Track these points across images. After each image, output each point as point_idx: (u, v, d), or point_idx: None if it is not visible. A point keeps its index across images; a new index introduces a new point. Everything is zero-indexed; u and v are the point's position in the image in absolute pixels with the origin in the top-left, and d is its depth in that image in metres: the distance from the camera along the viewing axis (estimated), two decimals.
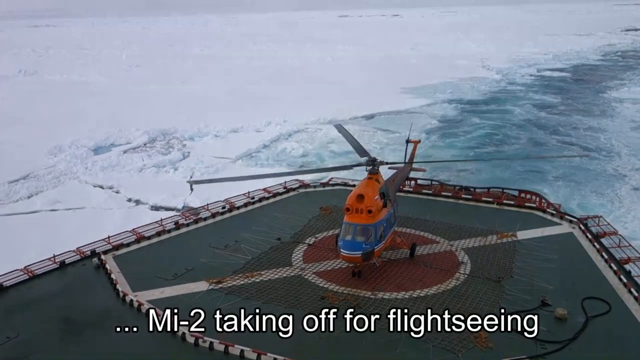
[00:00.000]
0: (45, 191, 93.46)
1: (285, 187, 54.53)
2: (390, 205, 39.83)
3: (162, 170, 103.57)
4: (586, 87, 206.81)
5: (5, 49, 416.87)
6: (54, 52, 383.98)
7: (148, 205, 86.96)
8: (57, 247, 62.00)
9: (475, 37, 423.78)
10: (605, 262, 38.24)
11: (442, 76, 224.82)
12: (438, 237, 43.69)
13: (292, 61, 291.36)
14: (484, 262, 39.11)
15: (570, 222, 45.91)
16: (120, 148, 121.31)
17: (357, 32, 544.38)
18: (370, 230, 36.40)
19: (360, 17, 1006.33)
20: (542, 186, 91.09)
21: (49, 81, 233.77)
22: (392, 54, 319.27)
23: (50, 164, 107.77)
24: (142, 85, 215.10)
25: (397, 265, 38.71)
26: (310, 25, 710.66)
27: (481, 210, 49.78)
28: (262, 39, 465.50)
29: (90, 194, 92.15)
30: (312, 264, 39.00)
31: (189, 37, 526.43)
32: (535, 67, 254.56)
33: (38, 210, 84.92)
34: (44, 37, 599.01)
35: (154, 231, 43.44)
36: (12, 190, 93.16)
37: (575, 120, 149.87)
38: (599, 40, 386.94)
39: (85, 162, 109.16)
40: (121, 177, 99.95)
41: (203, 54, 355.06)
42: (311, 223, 46.32)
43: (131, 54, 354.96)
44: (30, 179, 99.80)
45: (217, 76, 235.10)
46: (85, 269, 38.13)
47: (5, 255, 65.01)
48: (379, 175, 39.48)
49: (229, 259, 39.42)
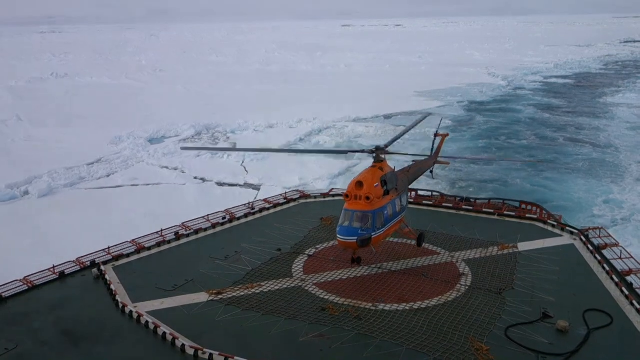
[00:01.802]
0: (119, 171, 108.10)
1: (286, 198, 54.88)
2: (397, 194, 40.37)
3: (216, 157, 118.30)
4: (586, 93, 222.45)
5: (25, 54, 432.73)
6: (74, 57, 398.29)
7: (213, 182, 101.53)
8: (159, 211, 77.60)
9: (479, 46, 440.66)
10: (607, 274, 38.14)
11: (451, 82, 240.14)
12: (439, 248, 43.82)
13: (306, 67, 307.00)
14: (485, 273, 39.18)
15: (572, 233, 46.01)
16: (172, 139, 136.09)
17: (363, 41, 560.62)
18: (368, 216, 36.92)
19: (363, 27, 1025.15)
20: (560, 175, 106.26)
21: (82, 83, 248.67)
22: (401, 61, 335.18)
23: (116, 151, 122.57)
24: (171, 87, 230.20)
25: (398, 276, 38.80)
26: (315, 35, 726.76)
27: (482, 221, 49.92)
28: (272, 47, 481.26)
29: (161, 174, 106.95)
30: (313, 275, 39.01)
31: (199, 45, 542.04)
32: (539, 75, 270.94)
33: (121, 185, 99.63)
34: (55, 43, 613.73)
35: (154, 242, 43.79)
36: (91, 171, 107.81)
37: (579, 121, 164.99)
38: (598, 51, 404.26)
39: (147, 149, 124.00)
40: (182, 161, 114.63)
41: (219, 60, 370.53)
42: (312, 234, 46.43)
43: (150, 59, 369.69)
44: (103, 162, 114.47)
45: (240, 80, 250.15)
46: (85, 280, 38.34)
47: (120, 217, 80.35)
48: (383, 163, 40.11)
49: (229, 270, 39.54)
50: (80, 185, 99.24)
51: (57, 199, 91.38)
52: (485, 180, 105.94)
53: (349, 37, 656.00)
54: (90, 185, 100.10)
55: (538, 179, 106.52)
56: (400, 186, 41.17)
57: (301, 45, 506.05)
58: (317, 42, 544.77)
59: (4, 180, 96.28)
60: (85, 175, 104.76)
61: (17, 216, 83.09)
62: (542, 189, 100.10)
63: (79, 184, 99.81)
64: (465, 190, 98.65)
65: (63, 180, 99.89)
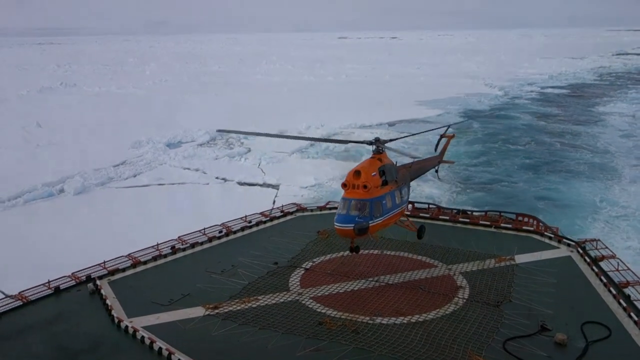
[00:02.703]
0: (145, 172, 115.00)
1: (283, 211, 54.94)
2: (396, 186, 40.66)
3: (234, 160, 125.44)
4: (580, 102, 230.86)
5: (29, 65, 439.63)
6: (78, 68, 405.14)
7: (234, 181, 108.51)
8: (189, 207, 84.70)
9: (475, 58, 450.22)
10: (605, 286, 38.12)
11: (450, 92, 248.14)
12: (436, 260, 43.77)
13: (307, 78, 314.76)
14: (482, 286, 39.04)
15: (568, 245, 46.10)
16: (189, 144, 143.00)
17: (360, 53, 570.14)
18: (365, 204, 37.10)
19: (359, 39, 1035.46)
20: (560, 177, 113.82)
21: (92, 92, 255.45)
22: (399, 72, 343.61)
23: (138, 154, 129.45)
24: (179, 96, 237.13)
25: (395, 290, 38.72)
26: (313, 46, 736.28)
27: (479, 233, 49.89)
28: (272, 58, 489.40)
29: (184, 174, 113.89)
30: (310, 289, 38.81)
31: (199, 56, 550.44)
32: (534, 85, 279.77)
33: (148, 185, 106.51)
34: (56, 54, 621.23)
35: (150, 256, 43.70)
36: (118, 172, 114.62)
37: (574, 128, 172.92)
38: (591, 63, 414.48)
39: (167, 153, 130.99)
40: (202, 163, 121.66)
41: (221, 70, 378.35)
42: (308, 247, 46.41)
43: (153, 70, 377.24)
44: (127, 164, 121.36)
45: (245, 89, 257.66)
46: (81, 295, 38.09)
47: (153, 211, 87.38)
48: (382, 155, 40.58)
49: (225, 284, 39.30)
50: (111, 185, 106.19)
51: (92, 196, 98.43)
52: (486, 181, 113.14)
53: (346, 49, 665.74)
54: (120, 184, 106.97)
55: (539, 180, 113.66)
56: (400, 179, 41.80)
57: (300, 56, 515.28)
58: (315, 54, 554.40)
59: (39, 180, 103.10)
60: (113, 175, 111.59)
61: (60, 211, 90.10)
62: (543, 190, 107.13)
63: (108, 183, 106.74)
64: (466, 194, 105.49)
65: (94, 180, 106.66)
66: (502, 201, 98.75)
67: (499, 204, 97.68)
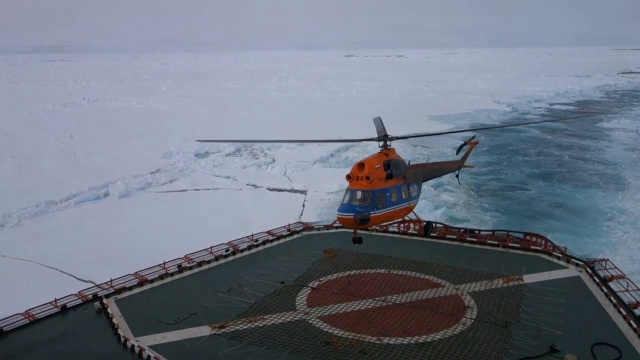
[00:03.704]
0: (180, 179, 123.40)
1: (289, 230, 54.92)
2: (403, 181, 41.55)
3: (261, 168, 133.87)
4: (586, 118, 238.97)
5: (46, 81, 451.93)
6: (95, 84, 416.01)
7: (264, 187, 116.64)
8: (225, 209, 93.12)
9: (482, 76, 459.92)
10: (614, 307, 37.73)
11: (459, 108, 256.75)
12: (443, 280, 43.58)
13: (320, 94, 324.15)
14: (490, 306, 38.82)
15: (577, 265, 45.84)
16: (216, 154, 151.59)
17: (368, 71, 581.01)
18: (368, 195, 37.75)
19: (366, 57, 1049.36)
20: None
21: (114, 107, 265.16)
22: (409, 89, 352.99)
23: (170, 163, 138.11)
24: (198, 110, 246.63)
25: (403, 309, 38.52)
26: (321, 64, 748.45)
27: (486, 253, 49.82)
28: (282, 75, 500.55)
29: (216, 181, 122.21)
30: (317, 308, 38.67)
31: (210, 72, 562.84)
32: (541, 102, 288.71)
33: (185, 190, 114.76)
34: (70, 70, 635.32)
35: (157, 274, 43.98)
36: (155, 178, 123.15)
37: (581, 142, 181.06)
38: (596, 81, 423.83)
39: (197, 162, 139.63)
40: (232, 171, 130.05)
41: (235, 87, 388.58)
42: (315, 266, 46.45)
43: (169, 86, 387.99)
44: (162, 172, 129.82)
45: (261, 104, 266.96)
46: (87, 313, 38.21)
47: (194, 213, 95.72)
48: (390, 150, 41.79)
49: (232, 303, 39.28)
50: (150, 189, 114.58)
51: (136, 199, 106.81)
52: (500, 188, 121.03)
53: (353, 67, 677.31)
54: (159, 189, 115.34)
55: (551, 188, 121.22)
56: (409, 176, 42.98)
57: (309, 73, 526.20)
58: (325, 71, 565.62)
59: (83, 185, 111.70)
60: (151, 181, 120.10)
61: (111, 210, 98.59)
62: (556, 197, 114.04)
63: (148, 188, 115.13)
64: (481, 199, 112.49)
65: (134, 185, 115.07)
66: (516, 207, 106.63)
67: (515, 210, 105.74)
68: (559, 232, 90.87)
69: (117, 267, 68.57)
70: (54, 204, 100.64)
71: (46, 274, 70.74)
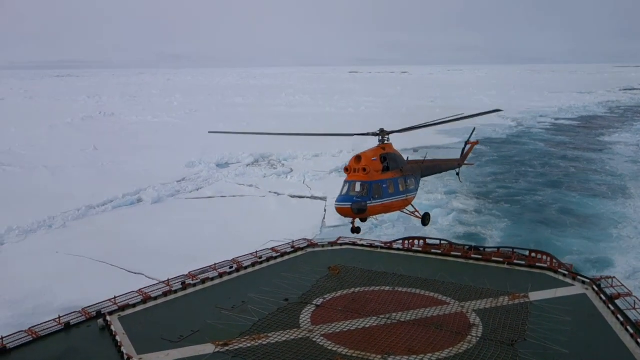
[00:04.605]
0: (205, 187, 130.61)
1: (294, 247, 54.81)
2: (401, 174, 42.96)
3: (281, 177, 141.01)
4: (589, 133, 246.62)
5: (59, 96, 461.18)
6: (107, 99, 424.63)
7: (285, 195, 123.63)
8: (253, 213, 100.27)
9: (486, 92, 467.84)
10: (621, 325, 37.32)
11: (465, 123, 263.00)
12: (448, 298, 43.13)
13: (329, 109, 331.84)
14: (496, 324, 38.37)
15: (583, 282, 45.50)
16: (236, 165, 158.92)
17: (373, 87, 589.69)
18: (364, 186, 38.70)
19: (370, 74, 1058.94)
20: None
21: (130, 121, 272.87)
22: (415, 105, 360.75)
23: (194, 172, 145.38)
24: (213, 124, 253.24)
25: (408, 327, 38.14)
26: (326, 80, 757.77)
27: (491, 270, 49.59)
28: (289, 91, 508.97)
29: (240, 189, 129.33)
30: (321, 326, 38.37)
31: (218, 88, 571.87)
32: (545, 117, 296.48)
33: (212, 197, 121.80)
34: (79, 86, 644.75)
35: (161, 291, 43.87)
36: (182, 186, 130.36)
37: (585, 154, 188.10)
38: (599, 98, 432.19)
39: (219, 172, 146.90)
40: (253, 180, 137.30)
41: (245, 102, 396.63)
42: (319, 283, 46.17)
43: (180, 101, 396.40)
44: (188, 180, 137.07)
45: (272, 119, 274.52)
46: (90, 331, 38.10)
47: (224, 216, 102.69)
48: (387, 145, 43.09)
49: (235, 320, 39.02)
50: (179, 196, 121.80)
51: (168, 205, 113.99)
52: (510, 194, 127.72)
53: (358, 83, 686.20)
54: (187, 196, 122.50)
55: (560, 195, 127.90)
56: (407, 169, 44.55)
57: (316, 89, 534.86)
58: (331, 87, 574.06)
59: (118, 191, 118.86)
60: (179, 189, 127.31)
61: (147, 214, 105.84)
62: (565, 204, 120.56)
63: (177, 195, 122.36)
64: (492, 206, 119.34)
65: (164, 192, 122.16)
66: (527, 213, 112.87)
67: (525, 216, 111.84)
68: (570, 238, 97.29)
69: (162, 261, 76.78)
70: (92, 209, 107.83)
71: (98, 267, 77.76)
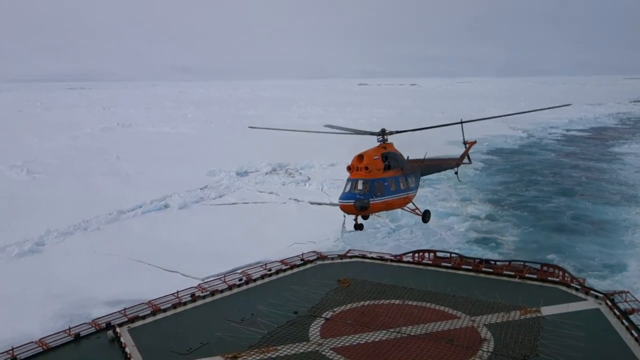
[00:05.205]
0: (228, 194, 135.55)
1: (303, 259, 54.59)
2: (402, 172, 44.22)
3: (299, 185, 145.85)
4: (598, 144, 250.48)
5: (74, 108, 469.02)
6: (123, 111, 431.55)
7: (305, 201, 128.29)
8: (278, 218, 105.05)
9: (495, 104, 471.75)
10: (636, 341, 36.64)
11: (476, 133, 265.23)
12: (459, 312, 42.53)
13: (342, 120, 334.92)
14: (507, 339, 37.67)
15: (596, 297, 44.62)
16: (255, 174, 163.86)
17: (383, 99, 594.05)
18: (367, 184, 39.65)
19: (379, 86, 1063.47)
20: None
21: (148, 132, 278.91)
22: (426, 116, 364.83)
23: (216, 180, 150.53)
24: (229, 135, 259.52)
25: (418, 341, 37.69)
26: (335, 92, 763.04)
27: (502, 284, 48.88)
28: (300, 103, 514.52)
29: (261, 196, 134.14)
30: (330, 339, 38.03)
31: (230, 100, 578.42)
32: (555, 129, 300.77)
33: (235, 203, 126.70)
34: (94, 98, 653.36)
35: (170, 303, 43.74)
36: (205, 193, 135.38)
37: (596, 164, 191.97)
38: (609, 109, 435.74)
39: (240, 180, 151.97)
40: (273, 188, 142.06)
41: (258, 114, 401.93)
42: (329, 296, 45.81)
43: (194, 113, 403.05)
44: (210, 188, 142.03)
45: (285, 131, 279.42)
46: (100, 342, 38.03)
47: (250, 220, 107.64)
48: (388, 144, 44.41)
49: (244, 333, 38.77)
50: (204, 202, 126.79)
51: (194, 210, 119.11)
52: (523, 201, 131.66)
53: (368, 95, 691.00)
54: (211, 202, 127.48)
55: (573, 203, 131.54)
56: (407, 168, 46.11)
57: (327, 101, 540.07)
58: (341, 99, 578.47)
59: (145, 198, 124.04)
60: (203, 196, 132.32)
61: (174, 220, 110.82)
62: (578, 211, 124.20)
63: (201, 201, 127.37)
64: (506, 212, 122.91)
65: (189, 198, 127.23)
66: (542, 220, 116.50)
67: (540, 222, 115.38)
68: (587, 244, 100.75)
69: (195, 261, 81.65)
70: (123, 213, 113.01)
71: (135, 265, 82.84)
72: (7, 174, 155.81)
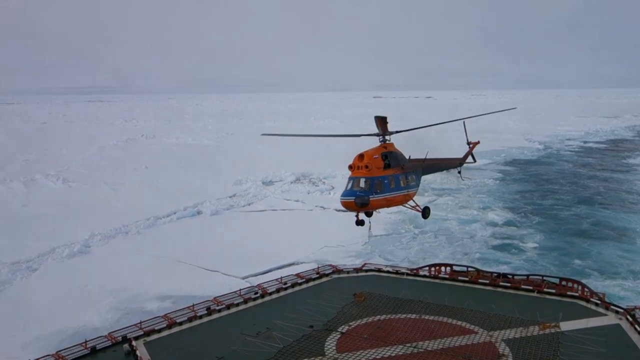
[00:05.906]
0: (256, 202, 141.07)
1: (319, 273, 54.43)
2: (402, 171, 45.05)
3: (324, 194, 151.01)
4: (615, 155, 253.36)
5: (97, 120, 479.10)
6: (144, 123, 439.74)
7: (331, 209, 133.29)
8: (306, 223, 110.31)
9: (512, 117, 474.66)
10: None
11: (493, 145, 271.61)
12: (476, 327, 42.04)
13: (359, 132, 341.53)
14: (526, 354, 37.01)
15: (617, 312, 43.89)
16: (280, 183, 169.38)
17: (400, 111, 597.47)
18: (367, 181, 40.56)
19: (394, 99, 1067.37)
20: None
21: (171, 143, 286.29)
22: (443, 128, 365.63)
23: (243, 189, 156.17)
24: (251, 146, 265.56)
25: (434, 357, 37.28)
26: (351, 105, 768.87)
27: (521, 298, 48.14)
28: (317, 115, 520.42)
29: (288, 203, 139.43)
30: (346, 354, 37.68)
31: (247, 112, 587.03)
32: (572, 141, 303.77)
33: (264, 210, 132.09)
34: (113, 110, 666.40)
35: (186, 317, 43.74)
36: (234, 201, 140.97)
37: (613, 175, 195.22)
38: (625, 122, 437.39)
39: (266, 189, 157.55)
40: (299, 196, 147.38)
41: (276, 125, 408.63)
42: (345, 310, 45.55)
43: (214, 125, 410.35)
44: (238, 196, 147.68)
45: (306, 141, 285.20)
46: (116, 356, 38.11)
47: (280, 227, 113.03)
48: (388, 144, 45.41)
49: (260, 347, 38.46)
50: (234, 210, 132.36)
51: (226, 216, 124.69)
52: (544, 208, 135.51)
53: (383, 107, 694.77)
54: (241, 209, 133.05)
55: (593, 211, 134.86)
56: (408, 167, 46.87)
57: (343, 113, 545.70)
58: (357, 111, 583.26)
59: (178, 205, 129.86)
60: (232, 203, 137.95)
61: (208, 225, 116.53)
62: (598, 218, 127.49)
63: (232, 209, 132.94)
64: (527, 219, 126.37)
65: (219, 206, 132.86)
66: (566, 227, 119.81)
67: (562, 230, 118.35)
68: (611, 249, 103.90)
69: (233, 261, 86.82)
70: (159, 219, 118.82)
71: (178, 265, 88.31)
72: (44, 182, 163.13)
